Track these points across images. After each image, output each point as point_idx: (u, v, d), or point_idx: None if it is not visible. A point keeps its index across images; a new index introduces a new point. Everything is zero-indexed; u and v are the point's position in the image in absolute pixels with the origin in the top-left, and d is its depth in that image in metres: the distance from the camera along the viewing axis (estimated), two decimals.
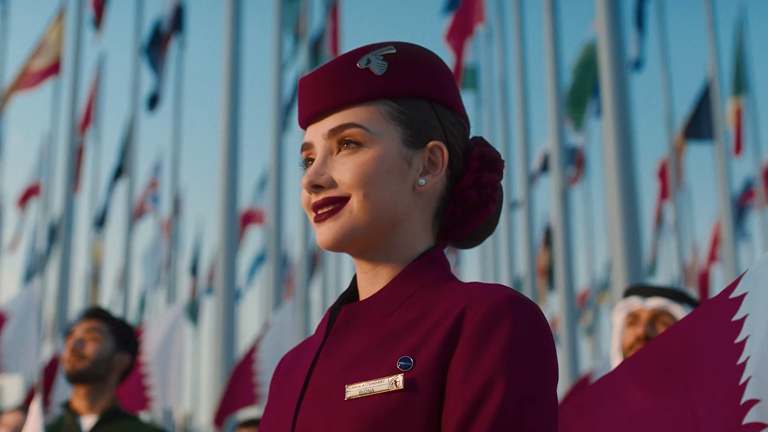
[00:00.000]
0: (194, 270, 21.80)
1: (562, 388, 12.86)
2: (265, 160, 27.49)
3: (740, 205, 20.19)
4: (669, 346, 1.68)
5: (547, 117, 13.16)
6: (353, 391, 1.18)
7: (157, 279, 20.11)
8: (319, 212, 1.28)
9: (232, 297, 10.29)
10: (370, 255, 1.30)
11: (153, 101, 16.30)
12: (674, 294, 2.75)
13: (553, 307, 22.25)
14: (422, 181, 1.29)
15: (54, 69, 14.84)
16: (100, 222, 18.02)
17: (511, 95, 17.45)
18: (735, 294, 1.59)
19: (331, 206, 1.27)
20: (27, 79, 14.46)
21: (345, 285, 23.42)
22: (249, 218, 20.55)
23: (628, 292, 2.82)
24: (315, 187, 1.27)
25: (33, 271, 18.72)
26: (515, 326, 1.15)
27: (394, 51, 1.31)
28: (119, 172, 17.61)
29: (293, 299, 7.34)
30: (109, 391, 3.23)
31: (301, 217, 16.10)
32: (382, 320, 1.26)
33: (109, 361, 3.21)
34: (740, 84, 16.58)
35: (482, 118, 19.17)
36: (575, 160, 18.53)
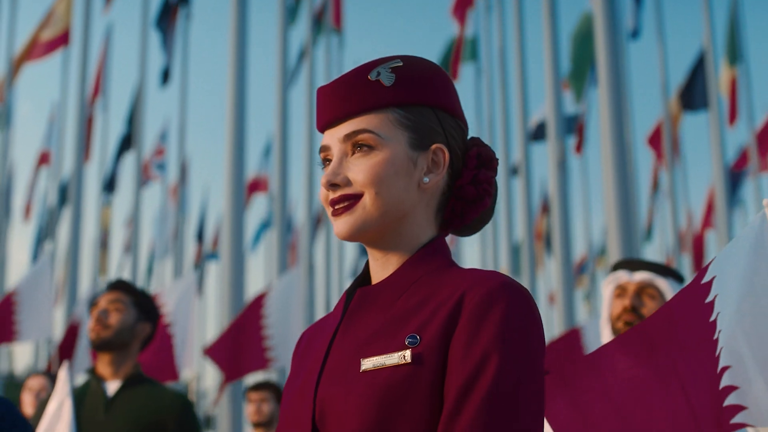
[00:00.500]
0: (200, 236, 21.99)
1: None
2: (270, 127, 27.54)
3: (734, 172, 20.30)
4: (654, 327, 1.83)
5: (545, 87, 13.23)
6: (367, 364, 1.33)
7: (166, 244, 20.31)
8: (336, 207, 1.43)
9: (240, 263, 10.42)
10: (381, 244, 1.46)
11: (165, 76, 16.41)
12: (659, 268, 2.90)
13: (550, 273, 22.42)
14: (426, 179, 1.44)
15: (63, 40, 14.93)
16: (108, 188, 18.17)
17: (509, 65, 17.52)
18: (705, 279, 1.75)
19: (346, 202, 1.42)
20: (36, 50, 14.55)
21: (346, 249, 23.54)
22: (254, 186, 20.69)
23: (616, 266, 2.97)
24: (332, 186, 1.42)
25: (43, 237, 18.88)
26: (508, 309, 1.31)
27: (401, 64, 1.46)
28: (127, 141, 17.72)
29: (297, 265, 7.46)
30: (131, 358, 3.40)
31: (304, 183, 16.23)
32: (392, 302, 1.41)
33: (131, 330, 3.38)
34: (734, 54, 16.65)
35: (482, 87, 19.26)
36: (576, 129, 18.62)
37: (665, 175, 19.71)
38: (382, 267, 1.46)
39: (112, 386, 3.35)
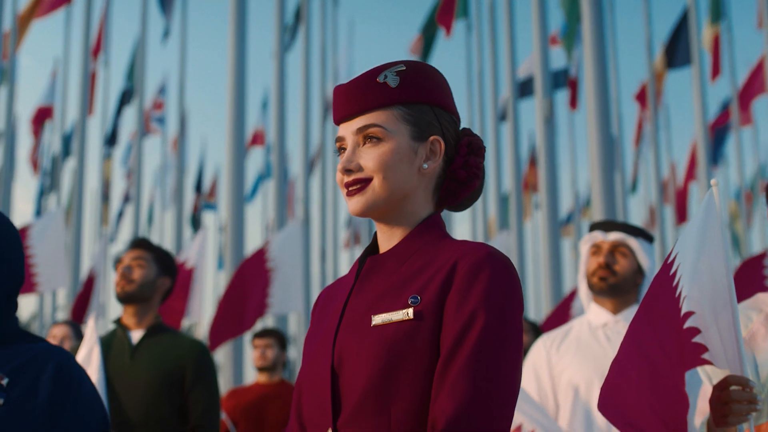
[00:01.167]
0: (198, 187, 22.21)
1: (546, 303, 13.36)
2: (267, 82, 27.57)
3: (717, 127, 20.52)
4: (643, 302, 2.09)
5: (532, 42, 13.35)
6: (377, 320, 1.59)
7: (167, 196, 20.55)
8: (350, 189, 1.67)
9: (240, 213, 10.62)
10: (387, 219, 1.71)
11: (165, 33, 16.50)
12: (630, 229, 3.16)
13: (538, 224, 22.66)
14: (425, 165, 1.69)
15: None
16: (110, 142, 18.33)
17: (499, 21, 17.65)
18: (671, 257, 2.01)
19: (359, 185, 1.66)
20: (41, 8, 14.62)
21: (340, 202, 23.71)
22: (252, 140, 20.85)
23: (592, 227, 3.22)
24: (347, 171, 1.67)
25: (47, 190, 19.06)
26: (492, 275, 1.56)
27: (405, 68, 1.70)
28: (127, 95, 17.85)
29: (296, 218, 7.68)
30: (153, 309, 3.66)
31: (301, 136, 16.38)
32: (397, 268, 1.66)
33: (153, 284, 3.64)
34: (717, 11, 16.79)
35: (472, 43, 19.38)
36: (569, 85, 18.76)
37: (649, 128, 19.94)
38: (388, 238, 1.71)
39: (136, 335, 3.62)
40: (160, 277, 3.67)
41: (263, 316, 7.00)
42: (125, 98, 17.97)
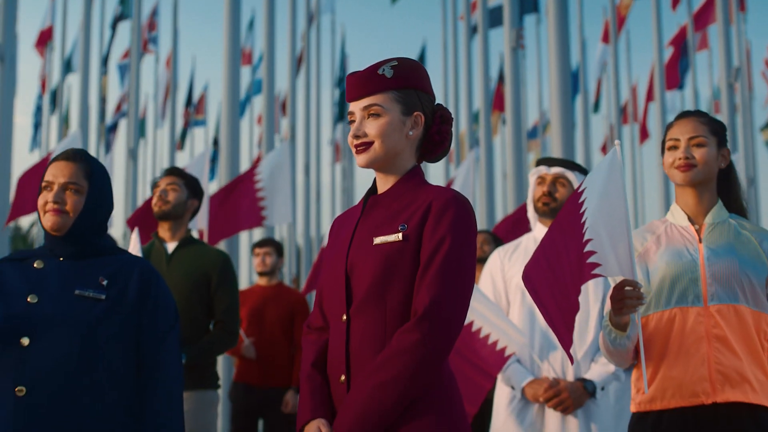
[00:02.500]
0: (188, 102, 22.61)
1: (511, 210, 14.02)
2: (253, 3, 27.61)
3: (675, 52, 21.00)
4: (558, 217, 2.74)
5: None
6: (377, 240, 2.22)
7: (160, 112, 20.97)
8: (358, 148, 2.28)
9: (236, 131, 11.02)
10: (384, 170, 2.32)
11: None
12: (569, 164, 3.79)
13: (505, 139, 23.23)
14: (411, 132, 2.30)
15: None
16: (105, 61, 18.66)
17: None
18: (580, 189, 2.66)
19: (364, 146, 2.28)
20: None
21: (323, 120, 24.03)
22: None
23: (538, 163, 3.85)
24: (356, 137, 2.28)
25: (51, 106, 19.39)
26: (456, 211, 2.19)
27: (397, 64, 2.30)
28: (120, 17, 18.11)
29: (284, 140, 8.20)
30: (184, 225, 4.28)
31: (288, 48, 16.64)
32: (390, 204, 2.29)
33: (184, 204, 4.26)
34: None
35: None
36: (534, 8, 19.11)
37: (609, 51, 20.46)
38: (384, 183, 2.34)
39: (171, 246, 4.25)
40: (190, 199, 4.29)
41: (260, 226, 7.59)
42: (119, 18, 18.20)
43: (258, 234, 15.43)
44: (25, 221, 30.64)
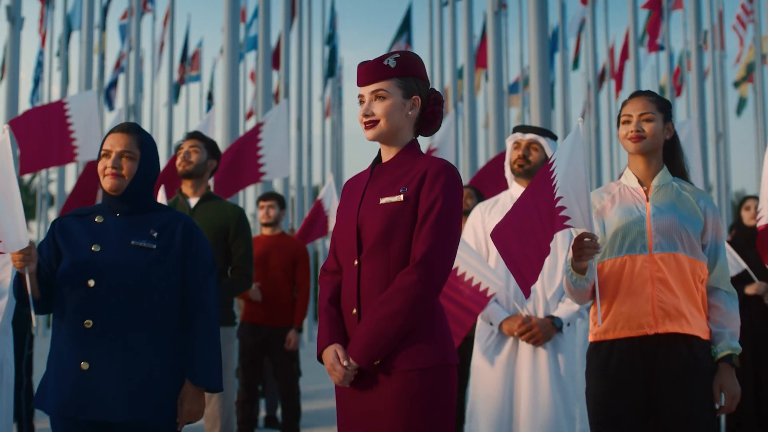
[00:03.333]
0: (183, 58, 22.87)
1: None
2: None
3: (656, 11, 21.30)
4: (533, 180, 3.19)
5: None
6: (383, 201, 2.67)
7: (158, 65, 21.23)
8: (367, 125, 2.72)
9: (236, 86, 11.36)
10: (388, 142, 2.76)
11: None
12: (541, 131, 4.23)
13: (487, 96, 23.56)
14: (410, 113, 2.73)
15: None
16: (103, 21, 18.90)
17: None
18: (551, 160, 3.11)
19: (372, 124, 2.71)
20: None
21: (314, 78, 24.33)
22: None
23: (515, 129, 4.29)
24: (365, 116, 2.72)
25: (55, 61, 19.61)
26: (447, 177, 2.64)
27: (399, 56, 2.73)
28: None
29: (282, 101, 8.53)
30: (205, 183, 4.71)
31: (283, 10, 16.83)
32: (393, 172, 2.73)
33: (204, 164, 4.69)
34: None
35: None
36: None
37: (588, 11, 20.81)
38: (388, 154, 2.78)
39: (193, 201, 4.69)
40: (210, 160, 4.72)
41: (260, 182, 7.99)
42: None
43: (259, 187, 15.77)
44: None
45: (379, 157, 2.82)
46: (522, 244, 3.03)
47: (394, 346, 2.57)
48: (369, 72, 2.72)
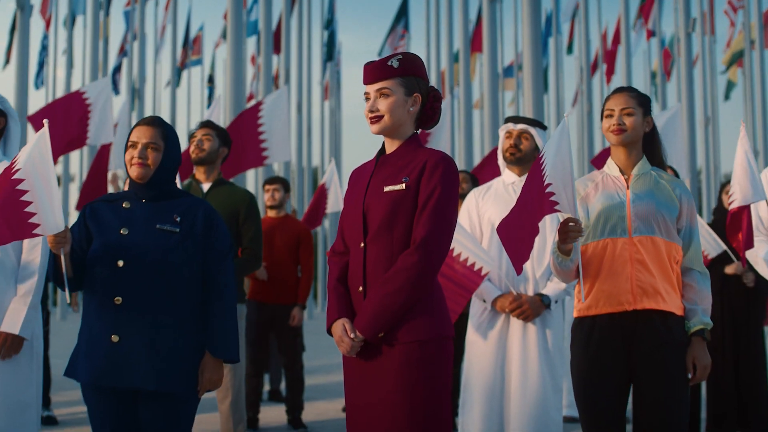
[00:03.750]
0: (185, 42, 23.01)
1: (487, 148, 14.67)
2: None
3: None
4: (530, 172, 3.43)
5: None
6: (387, 189, 2.90)
7: (160, 48, 21.38)
8: (372, 120, 2.95)
9: (240, 72, 11.51)
10: (391, 136, 2.99)
11: None
12: (531, 121, 4.47)
13: (482, 79, 23.73)
14: (411, 109, 2.96)
15: None
16: (108, 3, 19.06)
17: None
18: (541, 153, 3.35)
19: (377, 119, 2.94)
20: None
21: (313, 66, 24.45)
22: None
23: (507, 120, 4.53)
24: (371, 111, 2.95)
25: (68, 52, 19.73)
26: (445, 168, 2.87)
27: (402, 57, 2.96)
28: None
29: (282, 86, 8.76)
30: (217, 169, 4.94)
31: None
32: (396, 162, 2.96)
33: (216, 152, 4.92)
34: None
35: None
36: None
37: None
38: (391, 146, 3.01)
39: (206, 186, 4.92)
40: (221, 147, 4.95)
41: (262, 165, 8.20)
42: None
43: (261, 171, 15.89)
44: None
45: (383, 149, 3.04)
46: (518, 227, 3.28)
47: (397, 320, 2.81)
48: (374, 71, 2.94)
